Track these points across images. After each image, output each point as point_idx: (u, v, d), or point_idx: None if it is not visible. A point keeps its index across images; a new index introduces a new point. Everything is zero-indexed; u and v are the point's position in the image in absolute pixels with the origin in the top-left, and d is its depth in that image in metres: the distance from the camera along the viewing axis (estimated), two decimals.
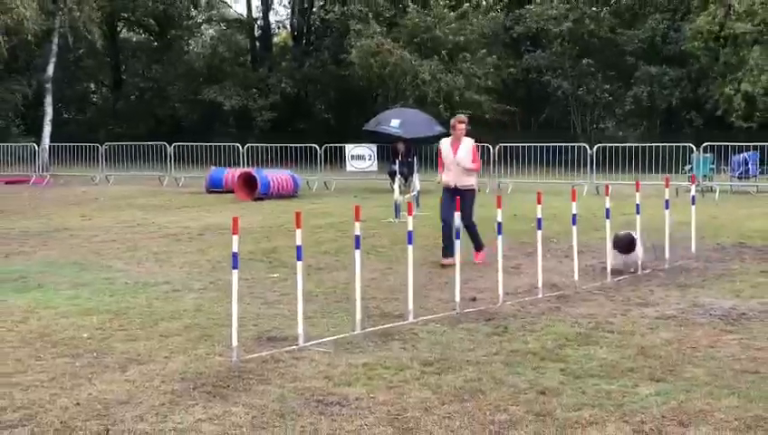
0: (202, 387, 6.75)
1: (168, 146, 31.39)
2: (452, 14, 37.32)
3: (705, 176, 24.21)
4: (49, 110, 36.81)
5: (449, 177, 12.50)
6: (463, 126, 12.68)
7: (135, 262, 13.06)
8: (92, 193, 26.73)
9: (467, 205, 11.98)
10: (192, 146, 31.72)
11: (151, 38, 48.90)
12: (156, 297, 10.29)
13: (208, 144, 31.58)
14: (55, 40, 36.77)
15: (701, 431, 5.72)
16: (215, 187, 26.15)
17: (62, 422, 6.00)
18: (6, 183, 30.23)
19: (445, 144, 12.82)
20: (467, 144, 12.52)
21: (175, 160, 31.46)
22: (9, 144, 34.87)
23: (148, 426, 5.92)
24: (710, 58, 33.22)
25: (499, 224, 9.96)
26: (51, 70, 36.92)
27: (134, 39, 50.48)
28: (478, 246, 12.43)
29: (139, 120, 44.56)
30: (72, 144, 33.83)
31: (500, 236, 9.94)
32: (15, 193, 27.25)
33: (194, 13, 49.33)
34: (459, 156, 12.38)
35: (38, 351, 7.92)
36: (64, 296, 10.43)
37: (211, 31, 51.71)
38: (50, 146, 35.51)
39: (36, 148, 35.07)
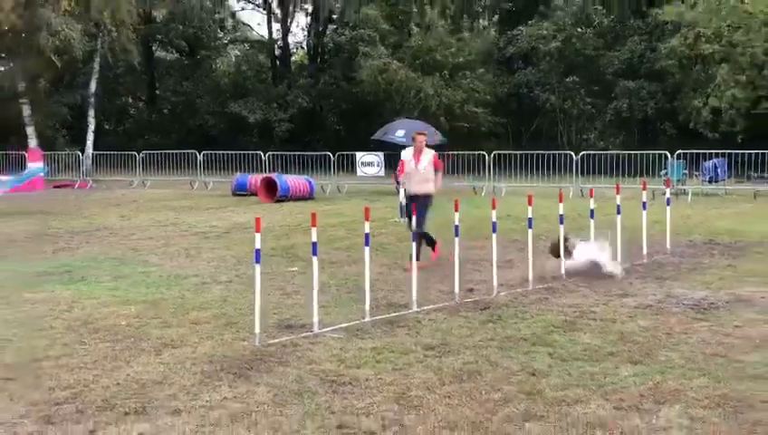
0: (228, 369, 6.77)
1: (198, 154, 31.42)
2: (451, 39, 37.30)
3: (678, 180, 24.16)
4: (92, 121, 36.86)
5: (411, 185, 12.21)
6: (423, 138, 12.43)
7: (168, 257, 13.08)
8: (130, 196, 26.77)
9: (422, 209, 11.39)
10: (219, 154, 31.76)
11: (182, 57, 48.86)
12: (187, 289, 10.32)
13: (234, 152, 31.59)
14: (97, 59, 36.82)
15: (675, 409, 5.71)
16: (240, 190, 26.16)
17: (103, 400, 6.03)
18: (55, 187, 30.28)
19: (407, 155, 12.39)
20: (429, 155, 12.20)
21: (204, 167, 31.50)
22: (57, 152, 34.96)
23: (180, 404, 5.94)
24: (682, 75, 33.15)
25: (494, 223, 9.95)
26: (93, 86, 37.00)
27: (167, 58, 50.44)
28: (432, 245, 12.01)
29: (172, 131, 44.56)
30: (112, 152, 33.89)
31: (495, 234, 9.93)
32: (62, 196, 27.32)
33: (221, 35, 49.32)
34: (421, 165, 12.06)
35: (82, 336, 7.96)
36: (105, 288, 10.47)
37: (236, 51, 51.68)
38: (93, 154, 35.59)
39: (81, 155, 35.17)
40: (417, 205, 10.97)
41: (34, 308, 9.31)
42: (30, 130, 36.18)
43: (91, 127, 36.68)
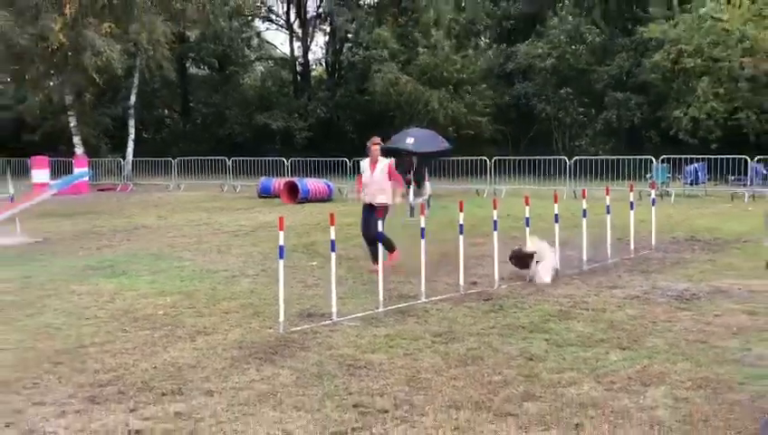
0: (255, 354, 6.79)
1: (227, 160, 31.50)
2: (455, 56, 37.23)
3: (662, 183, 24.06)
4: (132, 131, 36.95)
5: (367, 194, 11.07)
6: (377, 147, 11.24)
7: (201, 253, 13.11)
8: (166, 198, 26.85)
9: (377, 218, 9.87)
10: (246, 160, 31.81)
11: (213, 73, 48.95)
12: (218, 282, 10.34)
13: (259, 158, 31.63)
14: (136, 75, 36.97)
15: (660, 390, 5.69)
16: (264, 193, 26.18)
17: (143, 382, 6.05)
18: (98, 190, 30.42)
19: (364, 164, 11.30)
20: (383, 164, 11.14)
21: (233, 171, 31.56)
22: (100, 159, 35.14)
23: (212, 385, 5.95)
24: (665, 87, 32.94)
25: (495, 222, 9.94)
26: (133, 99, 37.10)
27: (199, 74, 50.54)
28: (391, 249, 10.91)
29: (203, 139, 44.55)
30: (150, 158, 33.99)
31: (495, 232, 9.92)
32: (105, 198, 27.44)
33: (247, 53, 49.35)
34: (375, 174, 11.03)
35: (123, 325, 7.99)
36: (144, 281, 10.51)
37: (261, 67, 51.75)
38: (132, 160, 35.71)
39: (122, 161, 35.32)
40: (372, 215, 10.32)
41: (81, 299, 9.35)
42: (76, 139, 36.34)
43: (132, 136, 36.80)
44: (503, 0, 39.95)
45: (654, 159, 25.01)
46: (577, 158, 26.60)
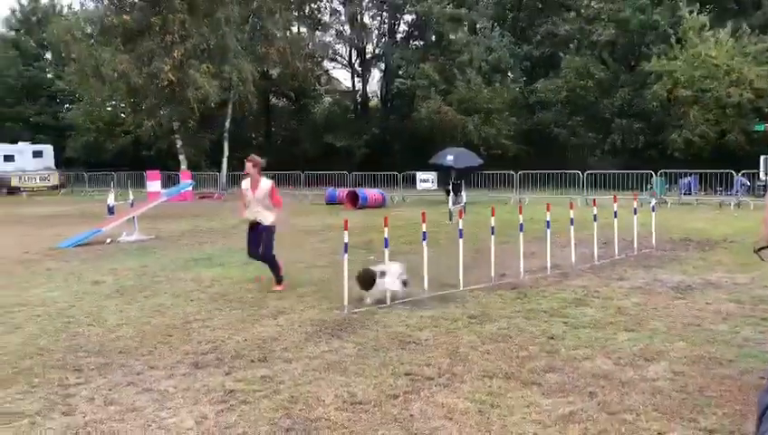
0: (325, 330, 6.82)
1: (301, 173, 31.75)
2: (486, 90, 36.90)
3: (660, 193, 23.56)
4: (226, 150, 37.52)
5: (251, 214, 9.15)
6: (249, 165, 9.18)
7: (282, 248, 13.11)
8: None
9: (266, 240, 9.00)
10: (316, 173, 32.02)
11: (290, 103, 49.41)
12: (295, 271, 10.40)
13: (326, 172, 31.82)
14: (230, 105, 37.52)
15: (660, 365, 5.56)
16: (331, 200, 26.33)
17: (236, 351, 6.12)
18: (200, 198, 30.94)
19: (245, 185, 9.27)
20: (265, 185, 9.24)
21: (305, 182, 31.81)
22: (201, 172, 35.74)
23: (290, 354, 5.99)
24: (663, 114, 32.19)
25: (521, 224, 9.83)
26: (227, 125, 37.66)
27: (279, 104, 51.05)
28: (278, 280, 9.14)
29: (282, 156, 44.98)
30: (240, 172, 34.35)
31: (521, 233, 9.81)
32: (205, 204, 27.91)
33: (318, 87, 49.75)
34: (257, 195, 9.11)
35: (220, 305, 8.10)
36: (236, 270, 10.64)
37: (329, 97, 52.08)
38: (226, 173, 36.23)
39: (218, 174, 35.87)
40: (260, 235, 8.97)
41: (186, 284, 9.52)
42: (182, 157, 37.08)
43: (226, 154, 37.35)
44: (525, 44, 39.62)
45: (654, 174, 24.49)
46: (589, 172, 26.17)
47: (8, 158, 39.51)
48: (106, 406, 4.80)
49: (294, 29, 44.23)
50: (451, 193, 20.93)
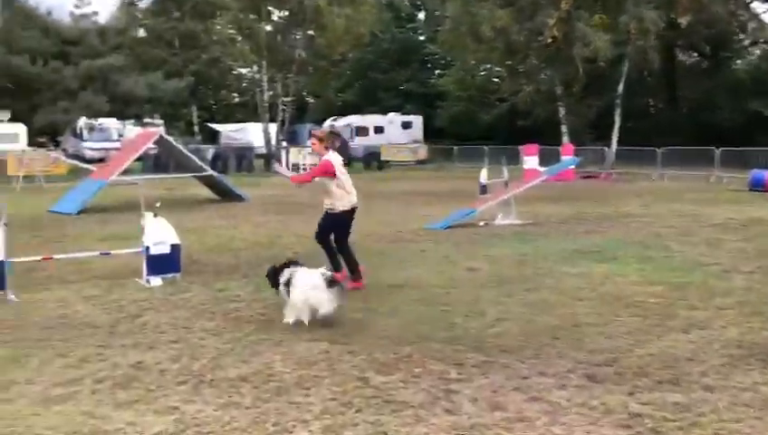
0: (757, 355, 6.34)
1: (715, 150, 29.93)
2: None
3: None
4: (617, 120, 36.96)
5: (354, 196, 9.28)
6: (315, 140, 9.28)
7: (689, 245, 12.61)
8: (649, 187, 26.47)
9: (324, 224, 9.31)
10: (736, 150, 29.79)
11: (703, 59, 46.72)
12: (710, 275, 9.85)
13: (751, 149, 29.38)
14: (625, 64, 36.78)
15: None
16: (756, 186, 24.16)
17: (638, 367, 6.06)
18: (582, 178, 31.16)
19: (337, 162, 9.16)
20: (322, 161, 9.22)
21: (720, 162, 29.84)
22: (584, 147, 35.86)
23: (711, 380, 5.73)
24: None
25: None
26: (620, 88, 36.99)
27: (687, 61, 48.64)
28: (353, 275, 9.27)
29: (688, 128, 42.84)
30: (632, 148, 33.79)
31: None
32: (588, 185, 28.05)
33: (742, 36, 46.01)
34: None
35: (615, 309, 8.07)
36: (632, 268, 10.47)
37: (757, 51, 47.85)
38: (616, 149, 35.83)
39: (605, 150, 35.68)
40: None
41: (572, 280, 9.67)
42: (564, 129, 37.75)
43: (617, 125, 36.81)
44: None
45: None
46: None
47: (378, 129, 44.75)
48: (491, 411, 5.14)
49: None
50: None
